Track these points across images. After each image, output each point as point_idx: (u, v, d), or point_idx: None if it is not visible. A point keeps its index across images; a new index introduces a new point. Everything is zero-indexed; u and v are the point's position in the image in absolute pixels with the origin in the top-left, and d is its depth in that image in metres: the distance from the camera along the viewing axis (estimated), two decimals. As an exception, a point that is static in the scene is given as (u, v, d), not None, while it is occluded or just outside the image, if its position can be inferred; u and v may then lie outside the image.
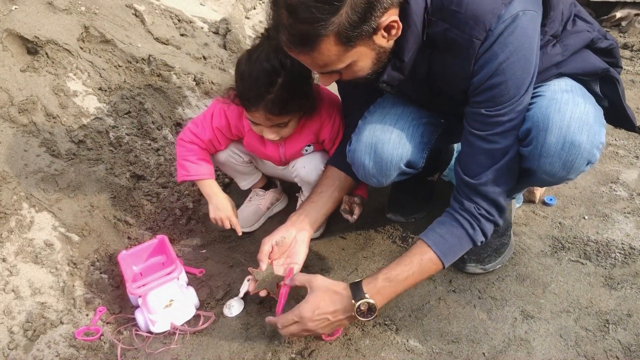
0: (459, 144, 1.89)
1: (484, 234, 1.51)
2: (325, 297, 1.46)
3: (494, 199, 1.47)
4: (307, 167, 1.90)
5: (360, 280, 1.47)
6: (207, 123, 1.86)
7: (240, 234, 1.94)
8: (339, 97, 1.89)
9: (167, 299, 1.65)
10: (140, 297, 1.66)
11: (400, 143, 1.63)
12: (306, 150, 1.90)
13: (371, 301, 1.43)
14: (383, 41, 1.29)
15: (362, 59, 1.31)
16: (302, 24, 1.18)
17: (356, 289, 1.45)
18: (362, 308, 1.44)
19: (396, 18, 1.26)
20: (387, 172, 1.65)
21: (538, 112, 1.37)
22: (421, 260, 1.47)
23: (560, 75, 1.48)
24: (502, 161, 1.42)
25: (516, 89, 1.34)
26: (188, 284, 1.79)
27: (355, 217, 1.86)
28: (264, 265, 1.63)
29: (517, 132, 1.41)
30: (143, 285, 1.65)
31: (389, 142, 1.62)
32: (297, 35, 1.21)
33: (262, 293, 1.63)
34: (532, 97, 1.42)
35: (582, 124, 1.35)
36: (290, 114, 1.68)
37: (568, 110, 1.36)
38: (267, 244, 1.65)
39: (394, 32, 1.28)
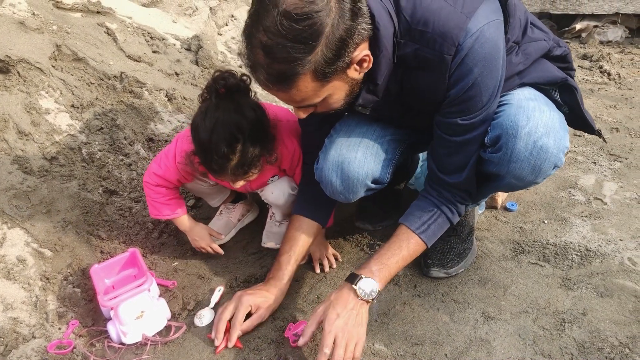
0: (424, 152, 1.98)
1: (459, 215, 1.69)
2: (331, 303, 1.51)
3: (467, 190, 1.63)
4: (275, 192, 1.96)
5: (352, 272, 1.57)
6: (170, 163, 1.86)
7: (222, 254, 2.05)
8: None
9: (139, 311, 1.67)
10: (111, 309, 1.69)
11: (365, 161, 1.68)
12: (272, 181, 1.96)
13: (369, 279, 1.52)
14: (355, 74, 1.35)
15: (337, 92, 1.37)
16: (279, 64, 1.21)
17: (351, 277, 1.54)
18: (364, 288, 1.51)
19: (368, 52, 1.32)
20: (354, 190, 1.71)
21: (507, 119, 1.46)
22: (408, 244, 1.61)
23: (522, 85, 1.58)
24: (473, 158, 1.54)
25: (488, 97, 1.44)
26: (160, 296, 1.83)
27: (325, 269, 1.97)
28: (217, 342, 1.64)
29: (485, 131, 1.51)
30: (114, 298, 1.68)
31: (354, 161, 1.68)
32: (275, 74, 1.24)
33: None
34: (500, 106, 1.51)
35: (549, 130, 1.44)
36: (256, 168, 1.69)
37: (535, 117, 1.44)
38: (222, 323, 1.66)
39: (365, 64, 1.34)
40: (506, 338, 1.62)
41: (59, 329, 1.73)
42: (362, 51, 1.30)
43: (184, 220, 1.99)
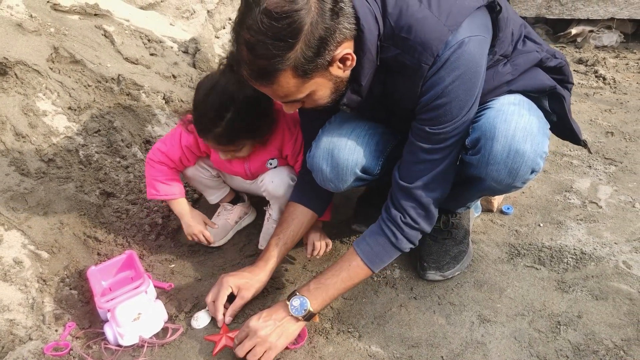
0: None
1: (410, 241, 1.63)
2: (266, 310, 1.63)
3: (425, 205, 1.57)
4: (274, 181, 1.96)
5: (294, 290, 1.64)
6: (175, 142, 1.92)
7: (213, 243, 2.07)
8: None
9: (136, 312, 1.68)
10: (108, 310, 1.69)
11: (355, 149, 1.70)
12: (270, 164, 1.96)
13: (302, 297, 1.59)
14: (339, 72, 1.38)
15: (321, 89, 1.40)
16: (261, 60, 1.26)
17: (290, 294, 1.63)
18: (295, 304, 1.58)
19: (350, 50, 1.34)
20: (344, 177, 1.72)
21: (486, 122, 1.47)
22: (349, 266, 1.62)
23: (510, 91, 1.58)
24: (438, 169, 1.53)
25: (459, 110, 1.44)
26: (156, 298, 1.83)
27: (315, 254, 1.97)
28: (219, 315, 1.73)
29: (457, 146, 1.52)
30: (111, 299, 1.69)
31: (344, 148, 1.69)
32: (257, 70, 1.30)
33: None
34: (482, 110, 1.52)
35: (527, 134, 1.44)
36: (239, 144, 1.76)
37: (513, 120, 1.45)
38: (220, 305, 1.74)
39: (348, 63, 1.36)
40: (502, 340, 1.63)
41: (56, 330, 1.72)
42: (345, 49, 1.33)
43: (180, 203, 2.01)
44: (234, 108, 1.65)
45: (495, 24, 1.48)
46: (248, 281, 1.77)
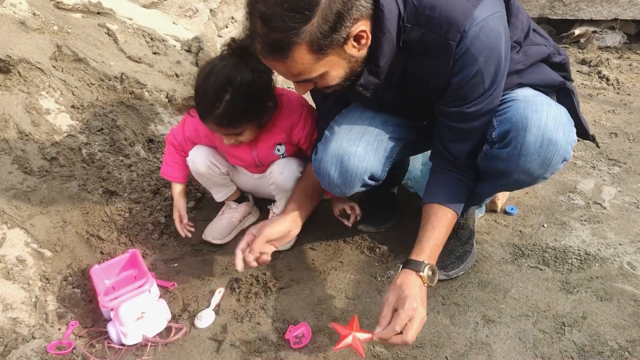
0: (426, 157, 1.98)
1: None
2: (399, 288, 1.46)
3: (474, 167, 1.67)
4: (284, 173, 1.96)
5: (410, 259, 1.54)
6: (179, 131, 2.06)
7: (183, 235, 2.09)
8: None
9: (139, 312, 1.67)
10: (112, 310, 1.69)
11: (366, 156, 1.69)
12: (278, 150, 1.97)
13: (433, 267, 1.54)
14: (354, 51, 1.36)
15: (335, 68, 1.37)
16: (276, 33, 1.24)
17: (414, 265, 1.51)
18: (429, 274, 1.51)
19: (365, 28, 1.32)
20: (351, 184, 1.71)
21: (516, 113, 1.47)
22: (447, 220, 1.63)
23: (521, 85, 1.59)
24: (477, 137, 1.59)
25: (491, 84, 1.45)
26: (160, 297, 1.82)
27: (351, 222, 1.99)
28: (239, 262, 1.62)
29: (490, 114, 1.53)
30: (115, 298, 1.68)
31: (355, 155, 1.68)
32: (271, 43, 1.27)
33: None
34: (507, 102, 1.53)
35: (558, 123, 1.45)
36: (239, 127, 1.78)
37: (544, 110, 1.45)
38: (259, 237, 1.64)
39: (363, 41, 1.35)
40: (506, 341, 1.63)
41: (59, 329, 1.72)
42: (360, 27, 1.31)
43: (175, 188, 2.11)
44: (232, 89, 1.67)
45: (508, 9, 1.48)
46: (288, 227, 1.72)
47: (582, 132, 1.73)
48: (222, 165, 2.06)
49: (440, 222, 1.61)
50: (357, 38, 1.33)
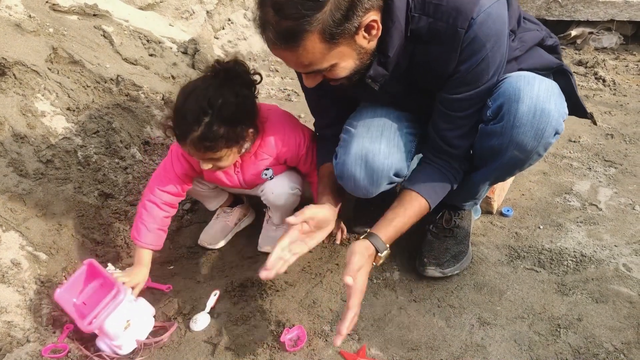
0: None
1: (457, 182, 1.76)
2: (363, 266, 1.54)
3: (467, 157, 1.71)
4: (275, 192, 1.95)
5: (372, 233, 1.58)
6: (169, 173, 1.89)
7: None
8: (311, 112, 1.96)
9: (124, 321, 1.65)
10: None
11: (390, 153, 1.69)
12: (265, 175, 1.94)
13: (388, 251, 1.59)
14: (364, 42, 1.37)
15: (345, 59, 1.38)
16: (288, 20, 1.24)
17: (378, 243, 1.57)
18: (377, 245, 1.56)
19: (376, 18, 1.33)
20: (378, 182, 1.71)
21: (509, 87, 1.50)
22: (420, 213, 1.67)
23: (520, 70, 1.62)
24: (472, 124, 1.62)
25: (494, 71, 1.49)
26: (137, 296, 1.78)
27: (338, 241, 2.04)
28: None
29: (485, 99, 1.56)
30: (94, 319, 1.60)
31: (379, 152, 1.67)
32: (283, 31, 1.27)
33: None
34: (500, 81, 1.55)
35: (550, 94, 1.48)
36: (218, 151, 1.69)
37: (536, 83, 1.49)
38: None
39: (374, 32, 1.36)
40: (502, 343, 1.63)
41: (54, 333, 1.72)
42: (371, 16, 1.32)
43: (144, 254, 1.87)
44: (212, 112, 1.61)
45: None
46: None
47: (580, 111, 1.75)
48: (208, 182, 2.04)
49: (413, 209, 1.64)
50: (368, 28, 1.34)
